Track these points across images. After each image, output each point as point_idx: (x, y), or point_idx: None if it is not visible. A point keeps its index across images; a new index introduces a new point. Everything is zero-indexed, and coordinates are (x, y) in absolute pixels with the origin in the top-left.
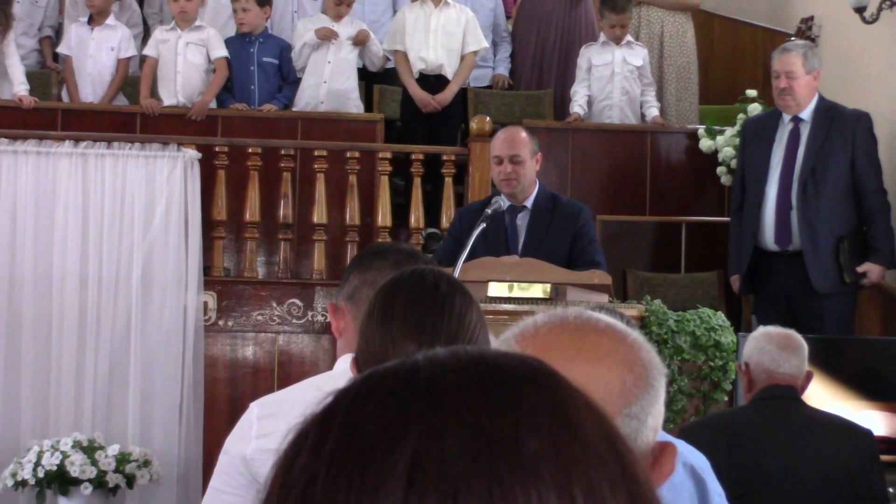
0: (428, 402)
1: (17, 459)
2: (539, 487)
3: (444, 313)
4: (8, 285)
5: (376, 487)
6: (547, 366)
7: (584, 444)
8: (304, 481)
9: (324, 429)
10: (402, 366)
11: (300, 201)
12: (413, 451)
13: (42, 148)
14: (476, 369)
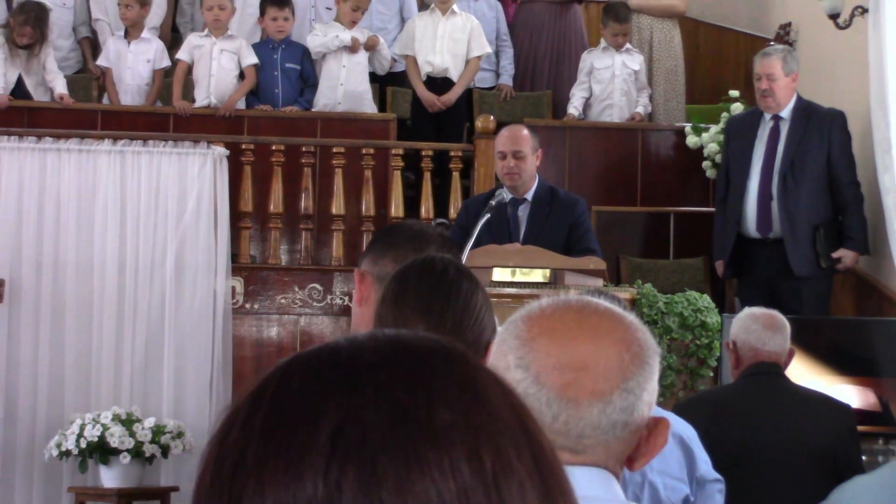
0: (348, 379)
1: (61, 431)
2: (451, 452)
3: (452, 296)
4: (52, 271)
5: (301, 457)
6: (458, 345)
7: (491, 413)
8: (236, 452)
9: (254, 405)
10: (325, 347)
11: (320, 194)
12: (335, 423)
13: (83, 146)
14: (392, 349)
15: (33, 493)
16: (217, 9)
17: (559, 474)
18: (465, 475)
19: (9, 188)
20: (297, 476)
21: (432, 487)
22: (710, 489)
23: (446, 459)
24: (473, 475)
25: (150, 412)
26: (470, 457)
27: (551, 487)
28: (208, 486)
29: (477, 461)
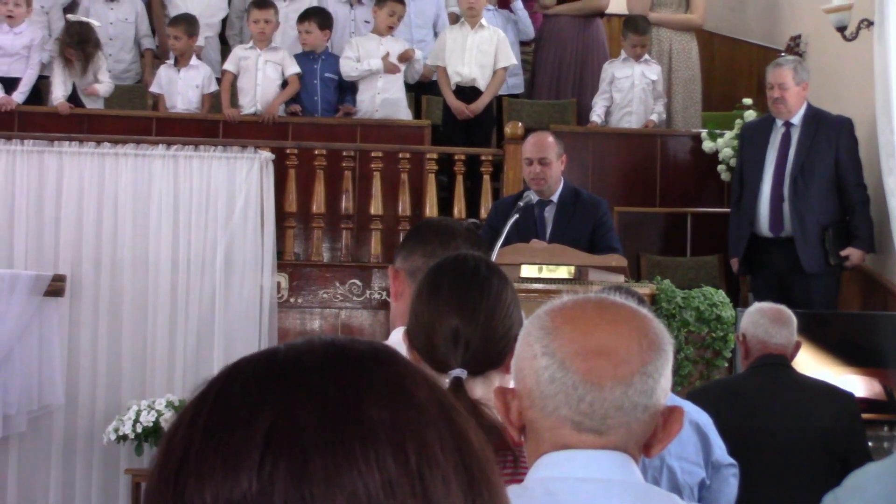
0: (283, 380)
1: (118, 417)
2: (377, 447)
3: (483, 292)
4: (110, 268)
5: (238, 453)
6: (388, 347)
7: (418, 408)
8: (181, 449)
9: (199, 406)
10: (265, 352)
11: (359, 195)
12: (270, 421)
13: (139, 151)
14: (326, 353)
15: (93, 475)
16: (262, 22)
17: (486, 469)
18: (391, 469)
19: (70, 191)
20: (234, 471)
21: (359, 480)
22: (725, 473)
23: (372, 454)
24: (399, 469)
25: None
26: (395, 451)
27: (476, 480)
28: (156, 481)
29: (402, 455)
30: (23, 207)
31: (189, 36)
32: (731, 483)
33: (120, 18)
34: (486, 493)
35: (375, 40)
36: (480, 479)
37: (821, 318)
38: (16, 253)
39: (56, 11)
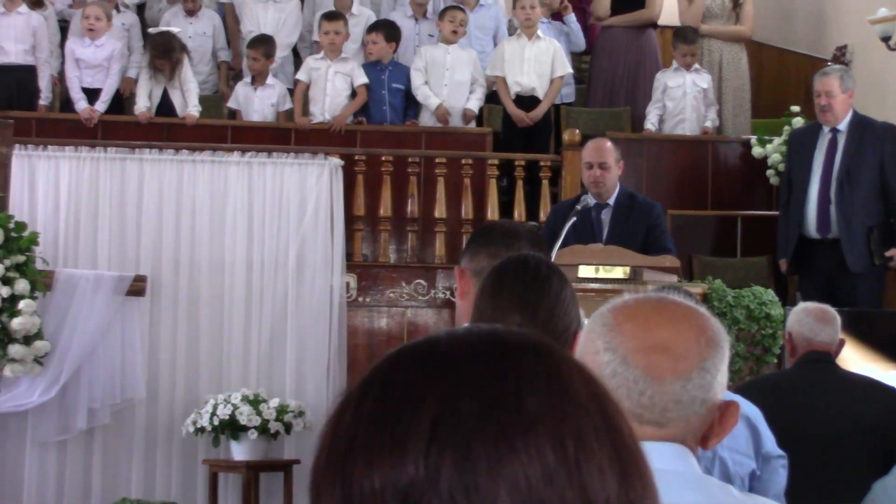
0: (446, 371)
1: (197, 410)
2: (537, 438)
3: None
4: (189, 269)
5: (405, 441)
6: (546, 339)
7: (575, 401)
8: (348, 437)
9: (363, 394)
10: (426, 341)
11: (424, 200)
12: (434, 410)
13: (216, 157)
14: (486, 343)
15: (172, 465)
16: (333, 34)
17: (638, 458)
18: (550, 459)
19: (150, 196)
20: (401, 458)
21: (520, 470)
22: (775, 464)
23: (532, 445)
24: (557, 459)
25: (275, 393)
26: (554, 442)
27: (630, 471)
28: (323, 466)
29: (560, 446)
30: (106, 212)
31: (266, 57)
32: (780, 474)
33: (198, 32)
34: (639, 483)
35: (443, 49)
36: (633, 470)
37: (866, 316)
38: (99, 255)
39: (136, 28)
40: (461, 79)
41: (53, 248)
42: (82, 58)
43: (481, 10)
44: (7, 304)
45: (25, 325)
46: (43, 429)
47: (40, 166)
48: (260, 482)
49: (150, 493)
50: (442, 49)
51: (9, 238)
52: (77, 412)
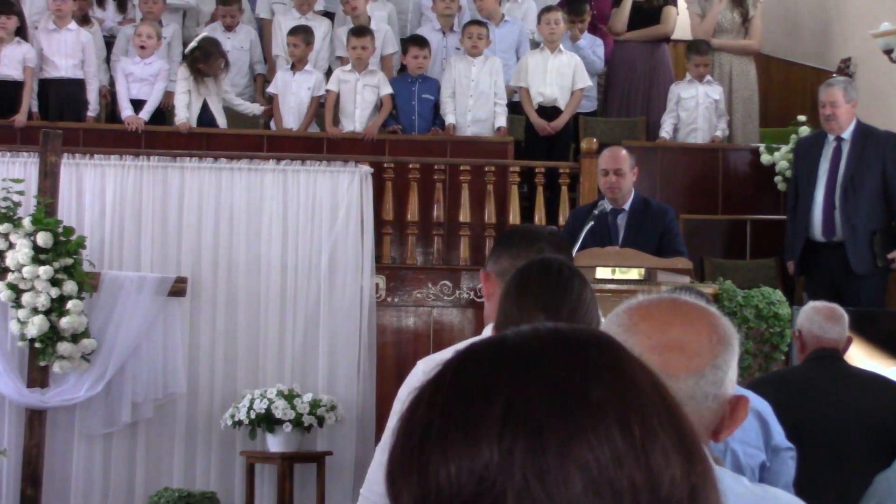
0: (514, 363)
1: (234, 405)
2: (605, 422)
3: (566, 292)
4: (227, 270)
5: (478, 428)
6: (608, 335)
7: (638, 389)
8: (422, 426)
9: (436, 388)
10: (494, 339)
11: (449, 205)
12: (505, 399)
13: (252, 165)
14: (553, 338)
15: (212, 456)
16: (360, 49)
17: (698, 444)
18: (618, 442)
19: (191, 201)
20: (475, 444)
21: (590, 453)
22: (784, 456)
23: (602, 429)
24: (625, 442)
25: (308, 388)
26: (622, 427)
27: (692, 454)
28: (399, 455)
29: (627, 430)
30: (149, 217)
31: (306, 44)
32: (789, 465)
33: (236, 46)
34: (700, 466)
35: (467, 61)
36: (694, 453)
37: (870, 315)
38: (143, 258)
39: (177, 40)
40: (486, 90)
41: (100, 251)
42: (132, 73)
43: (506, 25)
44: (56, 304)
45: (73, 323)
46: (90, 422)
47: (87, 174)
48: (294, 473)
49: (191, 483)
50: (467, 61)
51: (58, 242)
52: (122, 406)
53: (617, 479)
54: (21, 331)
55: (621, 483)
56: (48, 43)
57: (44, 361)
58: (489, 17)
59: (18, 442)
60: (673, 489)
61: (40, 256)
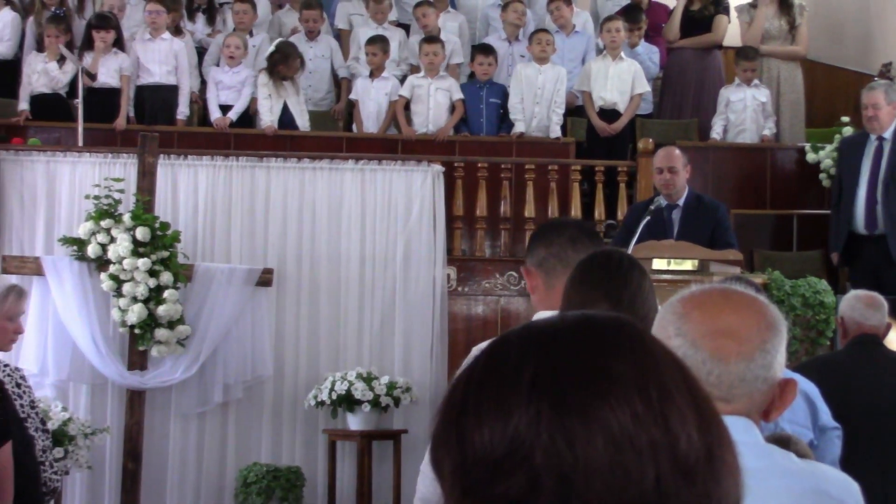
0: (542, 341)
1: (317, 387)
2: (625, 387)
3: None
4: (310, 263)
5: (509, 397)
6: (632, 320)
7: (656, 362)
8: (460, 399)
9: (471, 367)
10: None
11: (515, 201)
12: (533, 371)
13: (333, 165)
14: (578, 321)
15: (296, 434)
16: (432, 55)
17: (713, 409)
18: (637, 405)
19: (276, 198)
20: (506, 411)
21: (611, 414)
22: (830, 435)
23: (621, 392)
24: (643, 405)
25: (385, 371)
26: (640, 391)
27: (707, 417)
28: (441, 427)
29: (646, 395)
30: (238, 213)
31: (383, 53)
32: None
33: (318, 55)
34: (715, 428)
35: (535, 68)
36: (710, 417)
37: None
38: (232, 250)
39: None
40: (551, 95)
41: (193, 245)
42: (221, 80)
43: (575, 35)
44: (154, 293)
45: (169, 311)
46: (185, 402)
47: (181, 174)
48: (373, 449)
49: (278, 459)
50: (534, 69)
51: (155, 236)
52: (214, 388)
53: (636, 436)
54: (122, 318)
55: (640, 440)
56: (144, 52)
57: (143, 346)
58: (563, 27)
59: (120, 421)
60: (690, 447)
61: (139, 250)
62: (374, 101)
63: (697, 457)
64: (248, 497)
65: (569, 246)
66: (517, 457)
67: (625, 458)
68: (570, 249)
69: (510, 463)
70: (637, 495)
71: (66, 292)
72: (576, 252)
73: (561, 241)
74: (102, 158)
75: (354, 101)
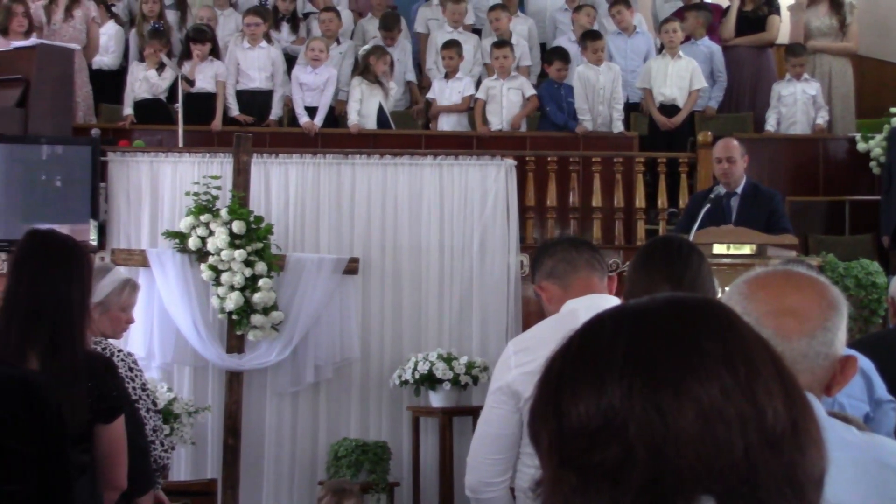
0: (633, 320)
1: (401, 367)
2: (713, 363)
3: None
4: (392, 252)
5: (602, 372)
6: (718, 301)
7: (743, 340)
8: (557, 375)
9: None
10: (616, 306)
11: (583, 192)
12: (625, 347)
13: (413, 161)
14: (668, 301)
15: (382, 411)
16: (502, 58)
17: (797, 384)
18: (726, 380)
19: (361, 193)
20: (600, 385)
21: (701, 389)
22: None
23: (710, 368)
24: (731, 379)
25: (464, 352)
26: (728, 366)
27: (791, 391)
28: (539, 403)
29: (733, 369)
30: (326, 207)
31: (458, 56)
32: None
33: (395, 59)
34: (800, 402)
35: (594, 70)
36: (795, 392)
37: None
38: (321, 241)
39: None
40: (610, 94)
41: (285, 237)
42: (305, 82)
43: (637, 36)
44: (249, 282)
45: (264, 298)
46: (279, 382)
47: (273, 171)
48: (453, 424)
49: (365, 434)
50: (593, 70)
51: (250, 229)
52: (306, 369)
53: (725, 409)
54: (221, 305)
55: (729, 413)
56: (244, 59)
57: (240, 331)
58: (625, 30)
59: (220, 400)
60: (776, 420)
61: (235, 242)
62: (449, 101)
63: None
64: (338, 470)
65: (570, 248)
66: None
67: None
68: (573, 251)
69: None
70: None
71: (170, 282)
72: (578, 252)
73: (561, 248)
74: (201, 158)
75: (431, 101)
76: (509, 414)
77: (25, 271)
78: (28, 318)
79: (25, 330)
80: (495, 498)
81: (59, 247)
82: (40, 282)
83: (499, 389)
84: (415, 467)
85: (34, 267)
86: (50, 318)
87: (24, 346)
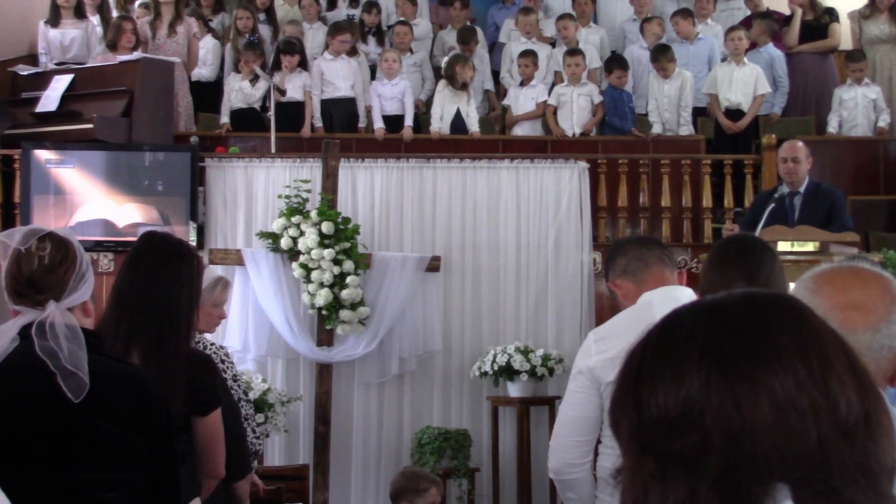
0: (711, 315)
1: (480, 359)
2: (788, 356)
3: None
4: (472, 250)
5: (680, 364)
6: (793, 297)
7: (817, 334)
8: (636, 367)
9: (646, 339)
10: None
11: (652, 192)
12: (702, 340)
13: (491, 164)
14: (744, 297)
15: (463, 401)
16: (574, 66)
17: (869, 377)
18: (800, 372)
19: (442, 194)
20: (679, 377)
21: (775, 380)
22: None
23: (785, 360)
24: (805, 371)
25: (540, 345)
26: (802, 359)
27: (864, 384)
28: (620, 393)
29: (807, 362)
30: (409, 208)
31: (534, 64)
32: None
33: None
34: (872, 394)
35: (660, 80)
36: (867, 384)
37: None
38: (405, 241)
39: (426, 62)
40: (677, 101)
41: (371, 236)
42: (382, 93)
43: (699, 42)
44: (337, 279)
45: (351, 295)
46: (366, 373)
47: (360, 175)
48: (531, 413)
49: (447, 423)
50: (659, 80)
51: (338, 229)
52: (391, 361)
53: (799, 400)
54: (311, 301)
55: (803, 403)
56: (329, 70)
57: (329, 325)
58: (686, 38)
59: (311, 390)
60: (850, 411)
61: (324, 241)
62: (523, 107)
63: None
64: (422, 456)
65: (641, 246)
66: (690, 418)
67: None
68: (644, 249)
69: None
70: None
71: (264, 279)
72: (647, 249)
73: (632, 247)
74: (292, 163)
75: (507, 107)
76: (590, 397)
77: (140, 271)
78: (138, 316)
79: (133, 327)
80: (578, 479)
81: (173, 250)
82: (152, 282)
83: (580, 373)
84: (494, 454)
85: (147, 267)
86: (158, 316)
87: (130, 341)
